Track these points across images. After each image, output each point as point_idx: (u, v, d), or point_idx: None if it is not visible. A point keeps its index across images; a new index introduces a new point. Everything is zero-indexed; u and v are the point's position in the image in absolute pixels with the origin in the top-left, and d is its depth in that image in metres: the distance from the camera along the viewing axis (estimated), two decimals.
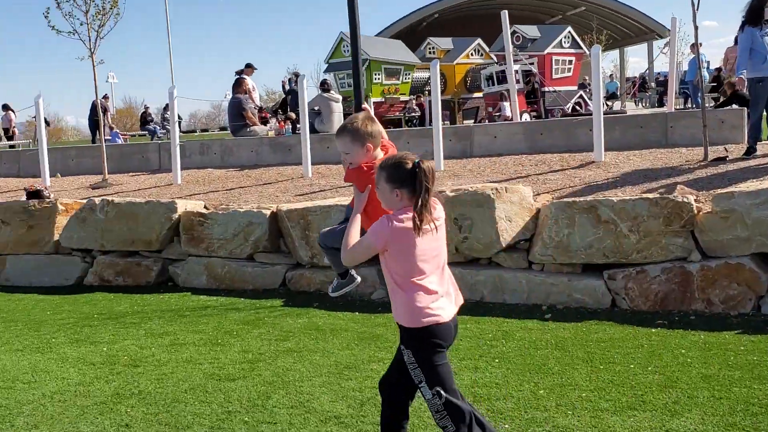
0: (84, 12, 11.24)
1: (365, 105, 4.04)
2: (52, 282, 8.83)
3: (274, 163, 11.90)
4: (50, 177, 11.84)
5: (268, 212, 8.16)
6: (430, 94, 17.05)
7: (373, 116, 3.74)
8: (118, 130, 26.90)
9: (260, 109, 16.36)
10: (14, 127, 24.77)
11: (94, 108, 22.38)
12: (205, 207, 8.92)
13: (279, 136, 13.58)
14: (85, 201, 9.11)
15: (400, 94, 23.26)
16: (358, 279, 4.01)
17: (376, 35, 34.37)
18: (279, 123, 15.36)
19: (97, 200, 8.93)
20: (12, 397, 5.14)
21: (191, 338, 6.35)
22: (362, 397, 4.82)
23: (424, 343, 3.24)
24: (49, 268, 8.95)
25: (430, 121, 11.15)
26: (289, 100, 19.44)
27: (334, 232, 3.70)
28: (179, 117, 27.49)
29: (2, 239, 9.12)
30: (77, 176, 12.64)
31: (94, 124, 22.47)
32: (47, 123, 17.25)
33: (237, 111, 13.93)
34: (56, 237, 8.99)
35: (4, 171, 13.47)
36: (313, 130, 12.95)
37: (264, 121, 15.27)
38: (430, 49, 26.16)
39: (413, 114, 23.29)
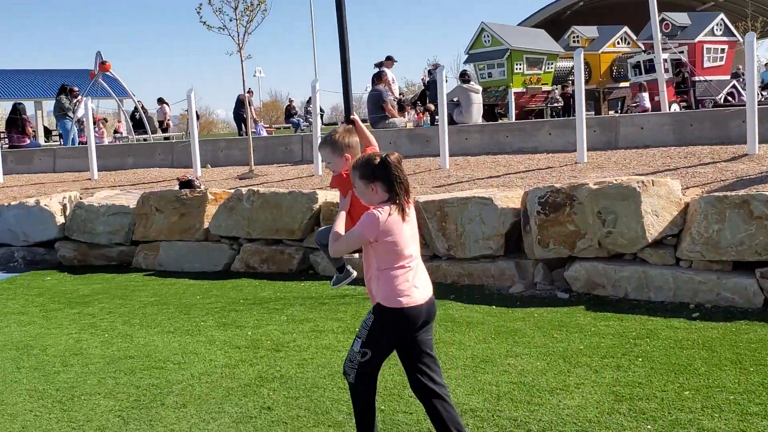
0: (233, 8, 11.68)
1: (354, 116, 4.37)
2: (202, 268, 9.25)
3: (412, 154, 11.96)
4: (201, 167, 12.39)
5: None
6: (573, 83, 16.64)
7: (353, 128, 4.10)
8: (262, 123, 27.84)
9: (399, 101, 16.48)
10: (169, 119, 26.12)
11: (239, 102, 23.27)
12: None
13: (417, 127, 13.65)
14: (233, 191, 9.47)
15: (542, 84, 22.81)
16: (354, 273, 4.27)
17: (518, 24, 33.86)
18: (417, 115, 15.43)
19: (243, 190, 9.27)
20: (163, 376, 5.42)
21: (330, 325, 6.48)
22: (498, 392, 4.77)
23: (390, 322, 3.63)
24: (199, 254, 9.38)
25: (574, 111, 10.86)
26: (428, 92, 19.47)
27: (329, 231, 3.89)
28: (321, 109, 28.12)
29: (157, 226, 9.63)
30: (226, 167, 13.18)
31: (239, 117, 23.38)
32: (198, 116, 18.06)
33: (376, 103, 14.09)
34: (206, 225, 9.40)
35: (159, 162, 14.22)
36: (451, 122, 12.93)
37: (403, 113, 15.37)
38: (574, 37, 25.50)
39: (556, 104, 22.82)
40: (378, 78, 14.80)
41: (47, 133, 34.34)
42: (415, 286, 3.65)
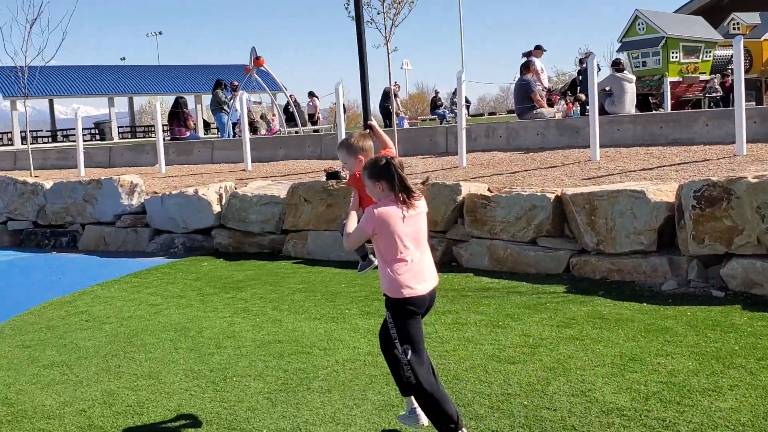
0: (380, 1, 11.80)
1: (371, 121, 4.86)
2: (347, 257, 9.42)
3: (560, 146, 11.69)
4: None
5: (552, 196, 8.04)
6: (733, 73, 15.73)
7: (369, 133, 4.54)
8: (404, 116, 28.05)
9: (548, 91, 16.15)
10: (318, 113, 26.81)
11: (385, 94, 23.55)
12: (488, 189, 9.00)
13: (566, 118, 13.32)
14: None
15: (700, 73, 21.72)
16: (375, 261, 4.44)
17: (674, 11, 32.36)
18: (567, 105, 15.07)
19: None
20: (309, 362, 5.57)
21: (473, 318, 6.45)
22: (647, 391, 4.59)
23: (401, 309, 3.95)
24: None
25: (733, 101, 10.28)
26: (579, 81, 18.98)
27: None
28: (467, 101, 27.95)
29: (305, 216, 9.91)
30: None
31: (384, 109, 23.67)
32: (345, 109, 18.42)
33: (524, 93, 13.87)
34: None
35: (308, 153, 14.62)
36: (602, 112, 12.53)
37: (551, 104, 15.06)
38: (734, 25, 24.09)
39: (715, 94, 21.66)
40: (526, 67, 14.56)
41: (206, 126, 36.10)
42: (417, 278, 3.93)
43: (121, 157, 17.46)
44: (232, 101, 18.97)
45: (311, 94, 25.94)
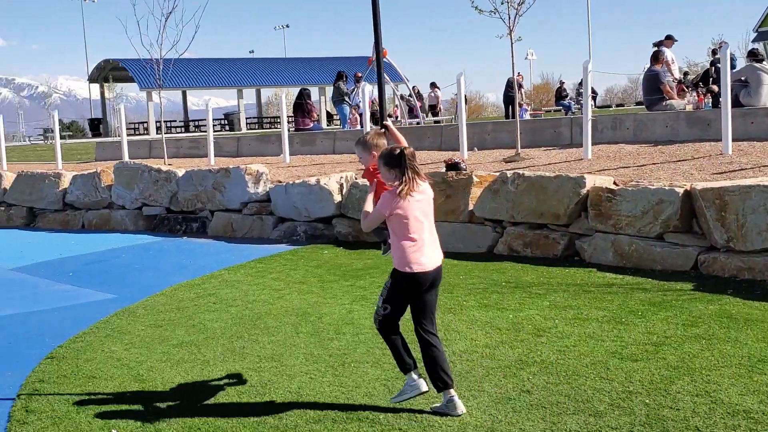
0: None
1: (387, 122, 5.15)
2: (466, 248, 9.41)
3: (690, 138, 11.24)
4: (468, 150, 12.59)
5: (680, 190, 7.75)
6: None
7: (383, 132, 4.92)
8: (527, 107, 27.65)
9: (679, 82, 15.54)
10: (440, 103, 26.82)
11: (508, 84, 23.31)
12: (614, 183, 8.77)
13: (697, 110, 12.79)
14: (497, 174, 9.53)
15: None
16: None
17: None
18: (698, 96, 14.47)
19: (508, 173, 9.29)
20: None
21: (594, 314, 6.31)
22: None
23: (403, 283, 4.45)
24: (463, 235, 9.55)
25: None
26: (712, 72, 18.17)
27: None
28: (594, 92, 27.27)
29: None
30: (492, 150, 13.27)
31: (508, 99, 23.42)
32: (466, 100, 18.33)
33: (653, 84, 13.40)
34: (470, 207, 9.55)
35: (428, 144, 14.65)
36: (736, 104, 11.95)
37: (682, 95, 14.48)
38: None
39: None
40: (655, 58, 14.06)
41: (329, 117, 36.76)
42: (424, 254, 4.43)
43: (248, 147, 18.04)
44: (354, 92, 19.23)
45: (433, 85, 25.96)
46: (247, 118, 49.69)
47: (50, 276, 9.62)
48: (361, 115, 19.40)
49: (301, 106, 18.65)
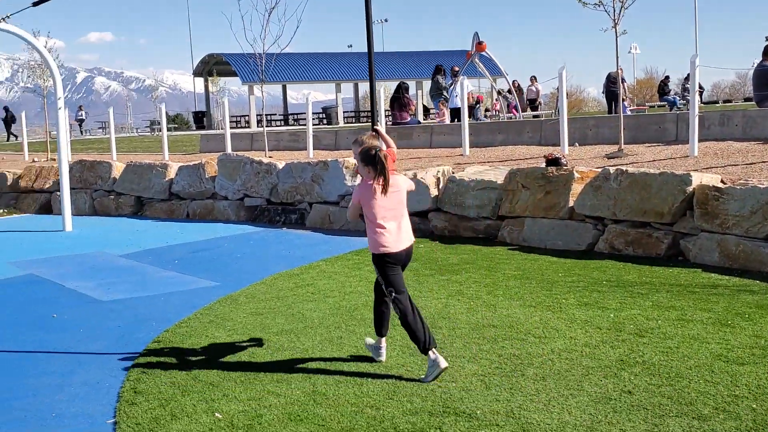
0: None
1: (377, 126, 5.94)
2: (565, 246, 9.26)
3: None
4: (568, 146, 12.38)
5: None
6: None
7: (375, 135, 5.49)
8: (627, 102, 26.92)
9: None
10: (540, 98, 26.43)
11: (610, 79, 22.75)
12: (721, 181, 8.46)
13: None
14: (599, 170, 9.33)
15: None
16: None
17: None
18: None
19: (611, 169, 9.08)
20: (524, 348, 5.56)
21: (699, 315, 6.12)
22: None
23: (380, 262, 5.20)
24: (563, 232, 9.40)
25: None
26: None
27: None
28: (701, 87, 26.36)
29: (522, 203, 9.84)
30: (594, 146, 13.00)
31: (609, 94, 22.86)
32: (566, 94, 17.98)
33: (764, 80, 12.85)
34: (571, 203, 9.39)
35: (527, 139, 14.48)
36: None
37: None
38: None
39: None
40: (767, 53, 13.46)
41: (425, 111, 36.75)
42: (391, 239, 5.13)
43: (346, 140, 18.22)
44: (451, 87, 19.16)
45: (533, 79, 25.61)
46: (344, 112, 50.22)
47: (157, 263, 9.99)
48: (455, 109, 19.36)
49: (399, 100, 18.70)
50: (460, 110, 14.37)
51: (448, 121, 18.44)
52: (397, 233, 5.16)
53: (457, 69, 21.51)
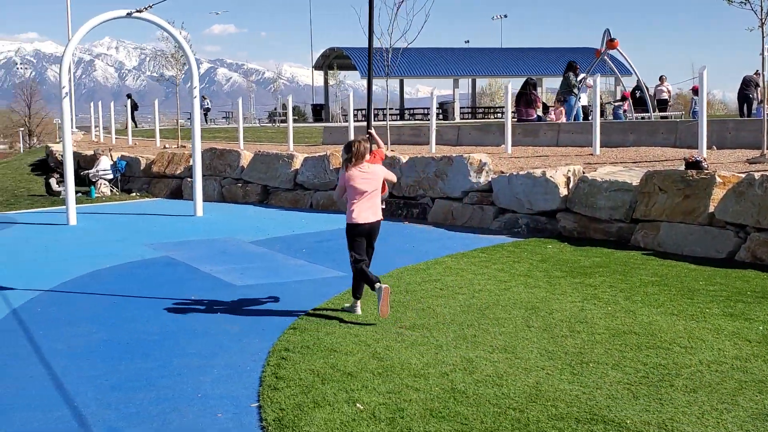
0: None
1: (371, 130, 7.17)
2: (704, 253, 8.87)
3: None
4: (706, 149, 11.86)
5: None
6: None
7: (368, 138, 6.93)
8: (761, 106, 25.59)
9: None
10: (671, 98, 25.50)
11: (746, 82, 21.70)
12: None
13: None
14: (743, 175, 8.89)
15: None
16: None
17: None
18: None
19: (756, 175, 8.63)
20: (670, 358, 5.33)
21: None
22: None
23: (349, 231, 6.67)
24: (702, 238, 9.00)
25: None
26: None
27: None
28: None
29: (658, 206, 9.48)
30: (733, 149, 12.43)
31: (743, 97, 21.82)
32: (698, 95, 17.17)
33: None
34: (711, 209, 8.98)
35: (661, 141, 13.97)
36: None
37: None
38: None
39: None
40: None
41: (545, 108, 36.06)
42: (360, 213, 6.58)
43: (468, 136, 18.11)
44: (582, 83, 18.69)
45: (662, 79, 24.74)
46: (461, 108, 49.97)
47: (285, 251, 10.18)
48: (585, 107, 18.87)
49: (525, 96, 18.40)
50: (588, 108, 14.00)
51: (564, 119, 17.99)
52: (365, 210, 6.60)
53: (577, 67, 20.90)
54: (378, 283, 6.42)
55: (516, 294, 7.36)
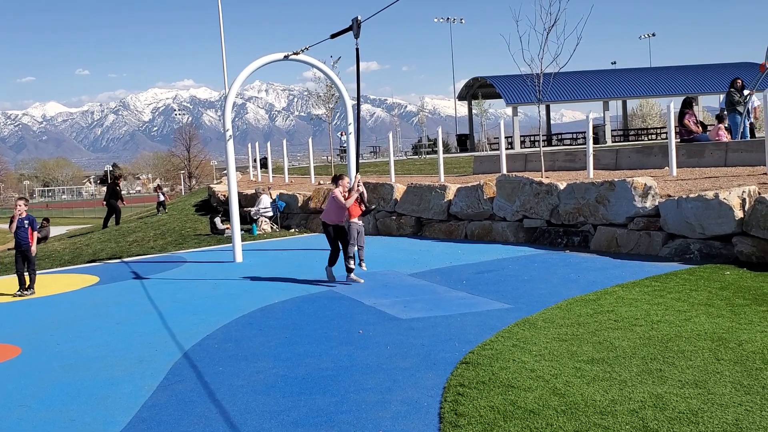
0: None
1: (357, 176, 10.76)
2: None
3: None
4: None
5: None
6: None
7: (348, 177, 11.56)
8: None
9: None
10: None
11: None
12: None
13: None
14: None
15: None
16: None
17: None
18: None
19: None
20: None
21: None
22: None
23: (325, 228, 10.92)
24: None
25: None
26: None
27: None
28: None
29: None
30: None
31: None
32: None
33: None
34: None
35: None
36: None
37: None
38: None
39: None
40: None
41: (703, 127, 34.44)
42: (336, 218, 10.71)
43: (627, 159, 17.49)
44: (747, 100, 17.68)
45: None
46: (612, 130, 48.60)
47: (445, 282, 10.11)
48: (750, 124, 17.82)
49: (685, 116, 17.59)
50: (752, 125, 13.15)
51: (724, 139, 17.01)
52: (341, 216, 10.68)
53: (741, 82, 19.81)
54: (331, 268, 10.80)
55: (698, 325, 6.92)
